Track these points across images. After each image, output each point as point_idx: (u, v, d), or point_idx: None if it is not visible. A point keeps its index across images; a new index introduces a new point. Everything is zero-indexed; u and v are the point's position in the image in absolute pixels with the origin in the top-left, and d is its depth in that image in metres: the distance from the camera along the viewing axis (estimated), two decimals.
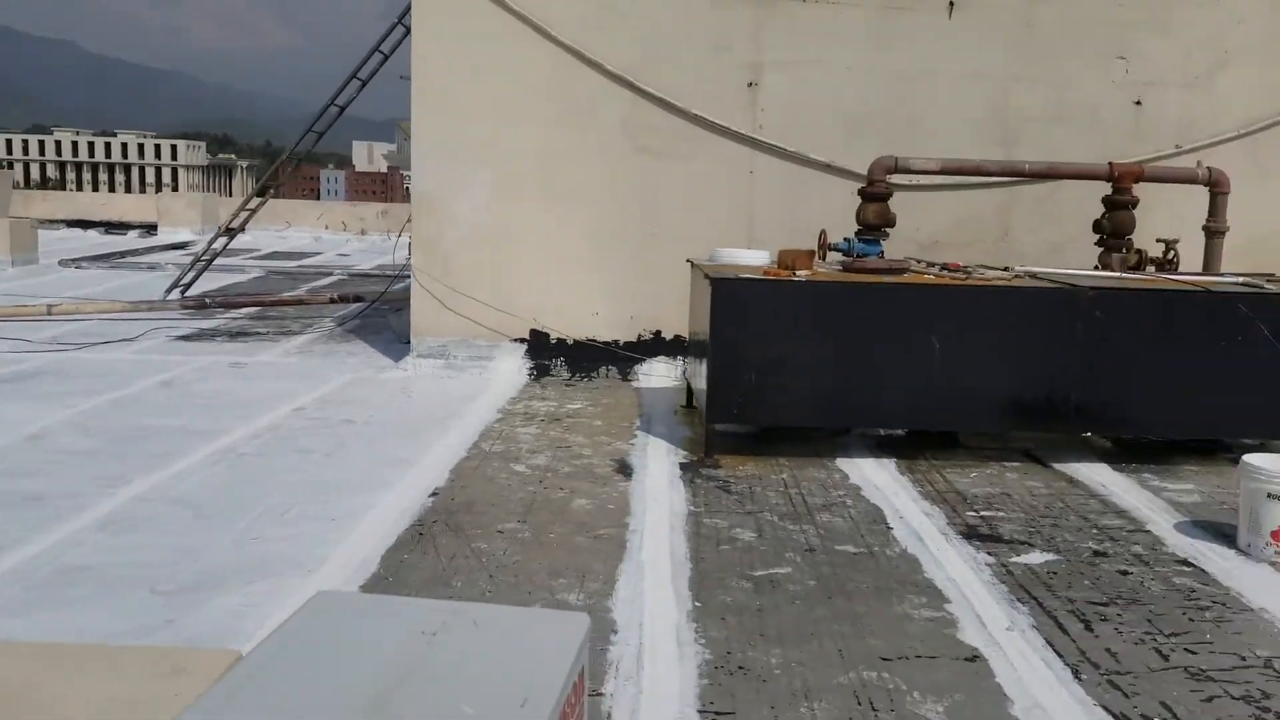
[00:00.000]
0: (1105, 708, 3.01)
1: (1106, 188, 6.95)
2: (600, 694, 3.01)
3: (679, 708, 2.95)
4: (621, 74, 7.83)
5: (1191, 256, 7.01)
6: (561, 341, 8.03)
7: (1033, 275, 6.15)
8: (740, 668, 3.21)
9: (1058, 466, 5.68)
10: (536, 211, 7.95)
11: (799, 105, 7.95)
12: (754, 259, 6.29)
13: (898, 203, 6.74)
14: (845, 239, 6.48)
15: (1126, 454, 5.97)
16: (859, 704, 2.99)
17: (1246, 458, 4.42)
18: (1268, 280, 6.31)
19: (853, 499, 5.02)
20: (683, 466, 5.50)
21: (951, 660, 3.30)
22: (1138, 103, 7.81)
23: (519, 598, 3.72)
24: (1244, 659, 3.36)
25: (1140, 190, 7.34)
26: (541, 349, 8.02)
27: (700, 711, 2.93)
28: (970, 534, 4.53)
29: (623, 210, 7.96)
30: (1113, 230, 6.85)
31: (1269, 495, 4.24)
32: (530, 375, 7.89)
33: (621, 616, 3.56)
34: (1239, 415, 5.72)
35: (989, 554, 4.28)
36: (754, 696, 3.03)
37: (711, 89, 7.91)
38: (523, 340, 8.04)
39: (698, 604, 3.69)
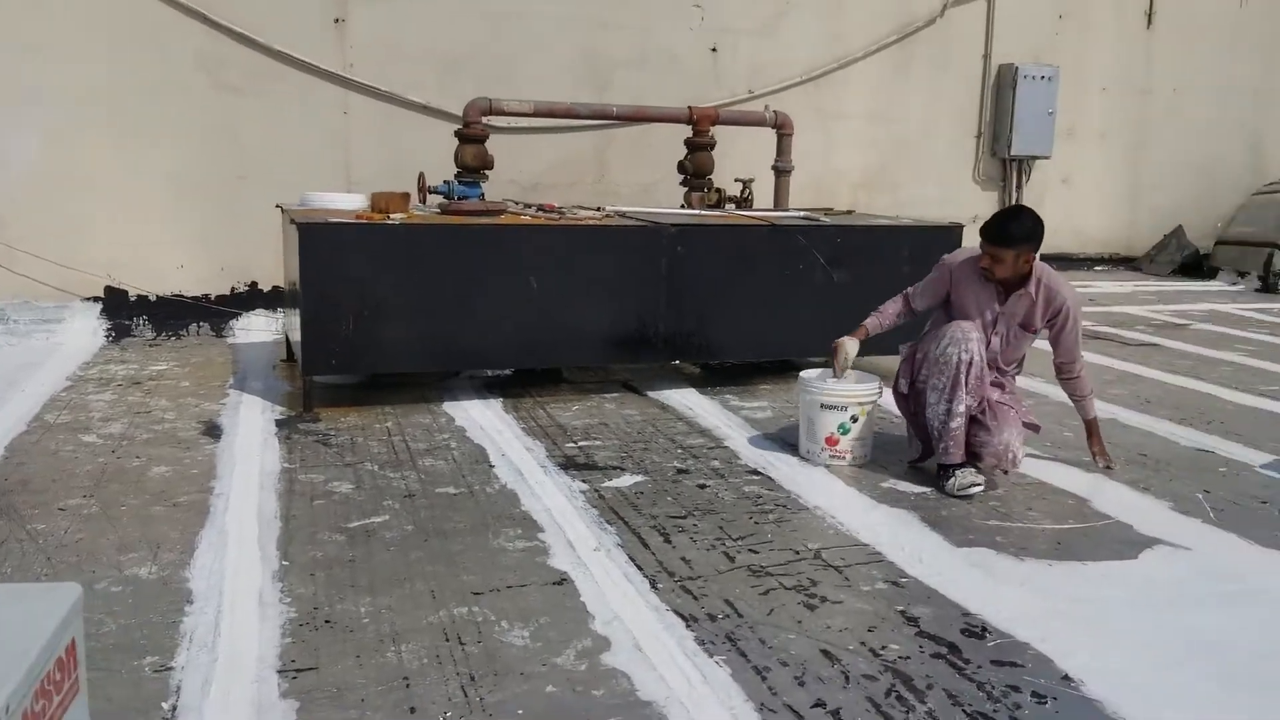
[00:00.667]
0: (676, 611, 3.22)
1: (689, 130, 7.36)
2: (169, 668, 2.81)
3: (257, 670, 2.82)
4: (192, 5, 7.23)
5: (767, 194, 7.62)
6: (143, 298, 7.39)
7: (622, 214, 6.41)
8: (327, 621, 3.12)
9: (652, 394, 6.01)
10: (106, 155, 7.22)
11: (392, 44, 7.74)
12: (347, 203, 6.08)
13: (501, 145, 6.77)
14: (445, 181, 6.41)
15: (713, 378, 6.42)
16: (447, 640, 3.00)
17: (803, 374, 4.89)
18: (825, 213, 6.99)
19: (457, 441, 5.02)
20: (279, 423, 5.25)
21: (541, 586, 3.40)
22: (714, 49, 8.31)
23: (81, 579, 3.39)
24: (798, 553, 3.72)
25: (720, 132, 7.85)
26: (120, 308, 7.33)
27: (280, 671, 2.82)
28: (568, 464, 4.68)
29: (206, 153, 7.41)
30: (694, 170, 7.28)
31: (821, 405, 4.71)
32: (108, 337, 7.20)
33: (199, 585, 3.34)
34: (805, 336, 6.28)
35: (584, 481, 4.45)
36: (339, 648, 2.95)
37: (295, 24, 7.51)
38: (97, 299, 7.31)
39: (285, 563, 3.54)
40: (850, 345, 4.65)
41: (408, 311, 5.48)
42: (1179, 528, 4.05)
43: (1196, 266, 12.93)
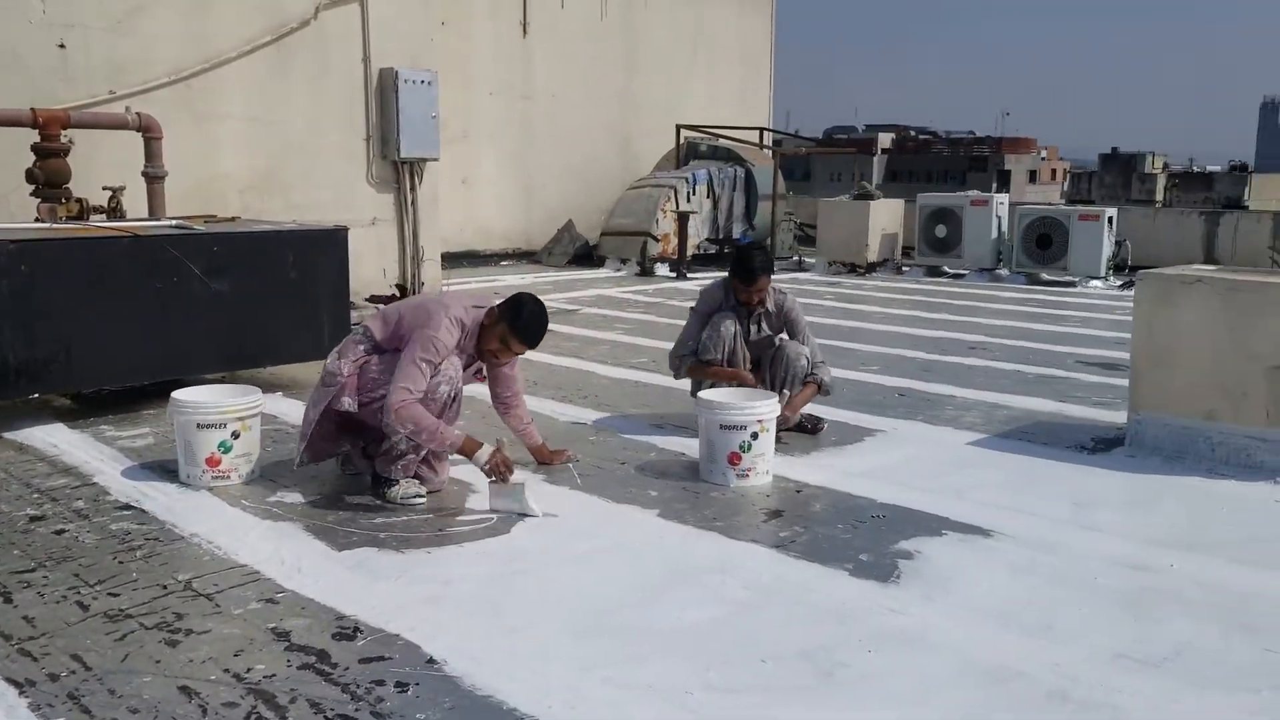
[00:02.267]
0: (9, 679, 2.81)
1: (38, 135, 6.56)
2: None
3: None
4: None
5: (144, 203, 7.05)
6: None
7: None
8: None
9: (9, 435, 5.26)
10: None
11: None
12: None
13: None
14: None
15: (89, 409, 5.79)
16: None
17: (174, 394, 4.55)
18: (205, 221, 6.60)
19: None
20: None
21: None
22: (61, 45, 7.48)
23: None
24: (166, 587, 3.44)
25: (85, 137, 7.12)
26: None
27: None
28: None
29: None
30: (47, 179, 6.52)
31: (198, 425, 4.42)
32: None
33: None
34: (190, 352, 5.89)
35: None
36: None
37: None
38: None
39: None
40: None
41: None
42: (550, 498, 4.37)
43: (588, 256, 14.28)
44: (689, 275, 12.91)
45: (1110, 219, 12.35)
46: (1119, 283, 12.06)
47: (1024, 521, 4.13)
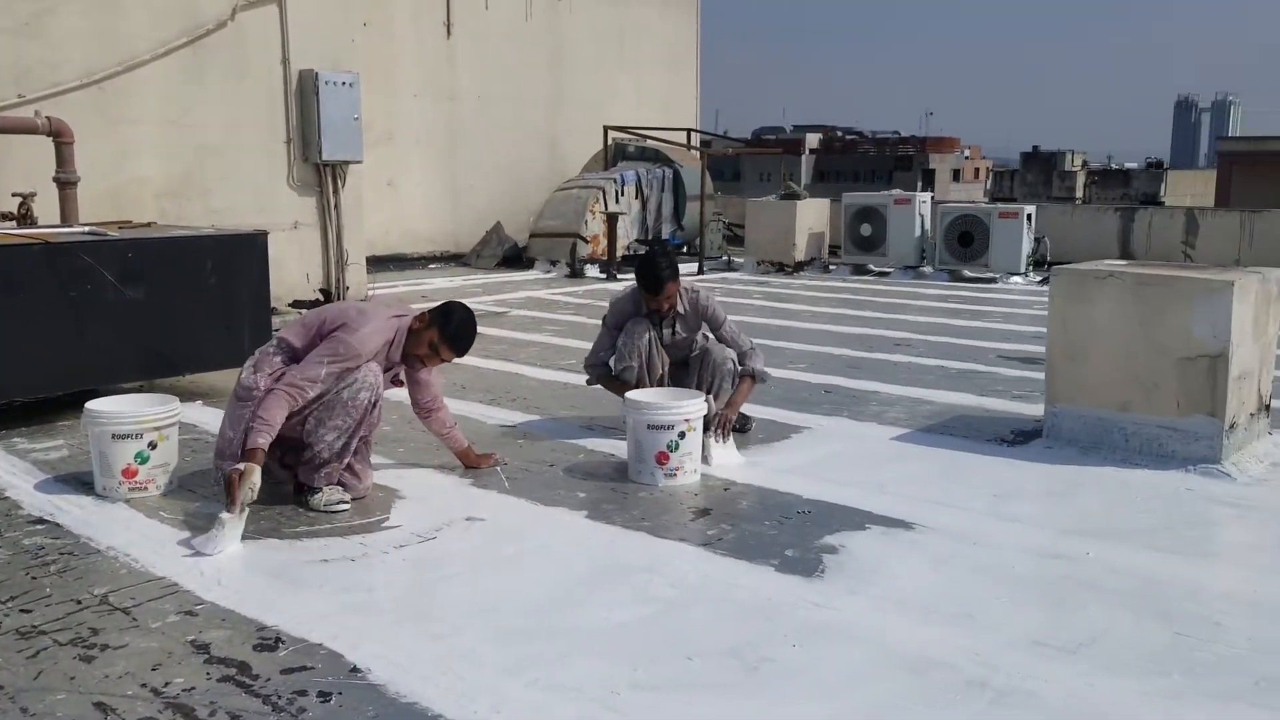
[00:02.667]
0: None
1: None
2: None
3: None
4: None
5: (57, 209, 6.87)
6: None
7: None
8: None
9: None
10: None
11: None
12: None
13: None
14: None
15: (2, 421, 5.62)
16: None
17: (89, 404, 4.43)
18: (120, 227, 6.45)
19: None
20: None
21: None
22: None
23: None
24: (81, 602, 3.35)
25: None
26: None
27: None
28: None
29: None
30: None
31: (114, 436, 4.31)
32: None
33: None
34: (108, 362, 5.75)
35: None
36: None
37: None
38: None
39: None
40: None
41: None
42: (479, 502, 4.36)
43: (517, 258, 14.21)
44: (619, 276, 12.92)
45: (1029, 216, 12.62)
46: (1038, 278, 12.33)
47: (945, 514, 4.20)
